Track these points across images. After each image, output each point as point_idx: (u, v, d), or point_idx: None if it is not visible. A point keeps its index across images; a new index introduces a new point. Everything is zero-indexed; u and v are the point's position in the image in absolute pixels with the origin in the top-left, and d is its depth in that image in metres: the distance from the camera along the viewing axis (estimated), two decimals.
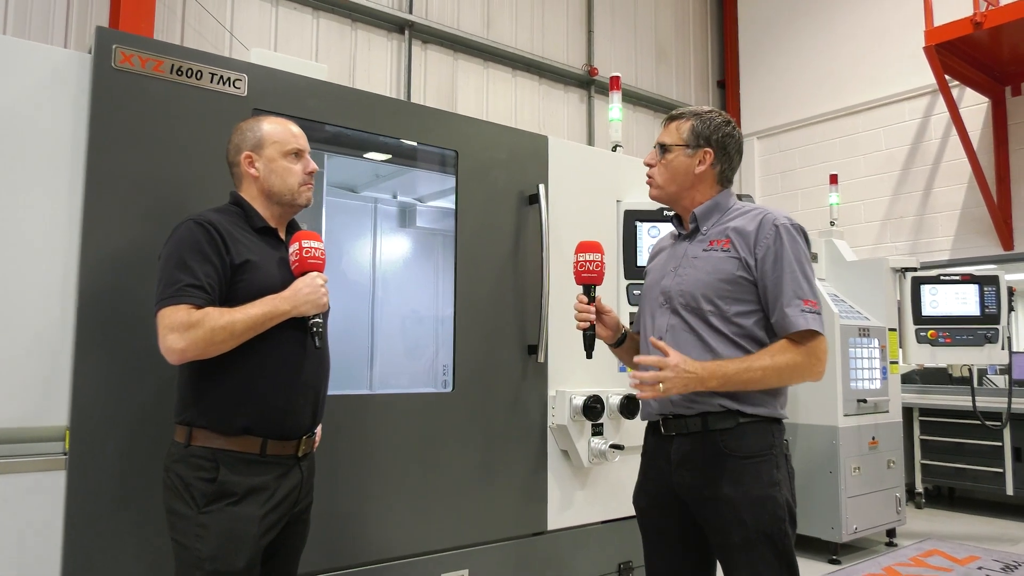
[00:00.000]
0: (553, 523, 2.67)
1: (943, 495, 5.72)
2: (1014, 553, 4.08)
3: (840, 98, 6.82)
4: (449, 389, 2.49)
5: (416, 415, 2.37)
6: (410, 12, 5.77)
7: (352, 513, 2.21)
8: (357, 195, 3.50)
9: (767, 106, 7.62)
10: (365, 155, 2.90)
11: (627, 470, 2.82)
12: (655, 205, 2.99)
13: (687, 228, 1.84)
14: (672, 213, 1.90)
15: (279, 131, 1.74)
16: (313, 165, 1.78)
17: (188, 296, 1.52)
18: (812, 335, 1.62)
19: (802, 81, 7.26)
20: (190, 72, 2.02)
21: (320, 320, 1.65)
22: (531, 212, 2.70)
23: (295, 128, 1.77)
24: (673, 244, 1.89)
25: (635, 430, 2.80)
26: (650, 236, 2.98)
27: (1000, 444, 4.97)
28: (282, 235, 1.77)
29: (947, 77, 5.26)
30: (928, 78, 5.88)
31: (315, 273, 1.66)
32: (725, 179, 1.83)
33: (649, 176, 1.86)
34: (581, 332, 1.82)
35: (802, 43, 7.34)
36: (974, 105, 5.72)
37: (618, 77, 3.15)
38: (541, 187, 2.67)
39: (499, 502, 2.54)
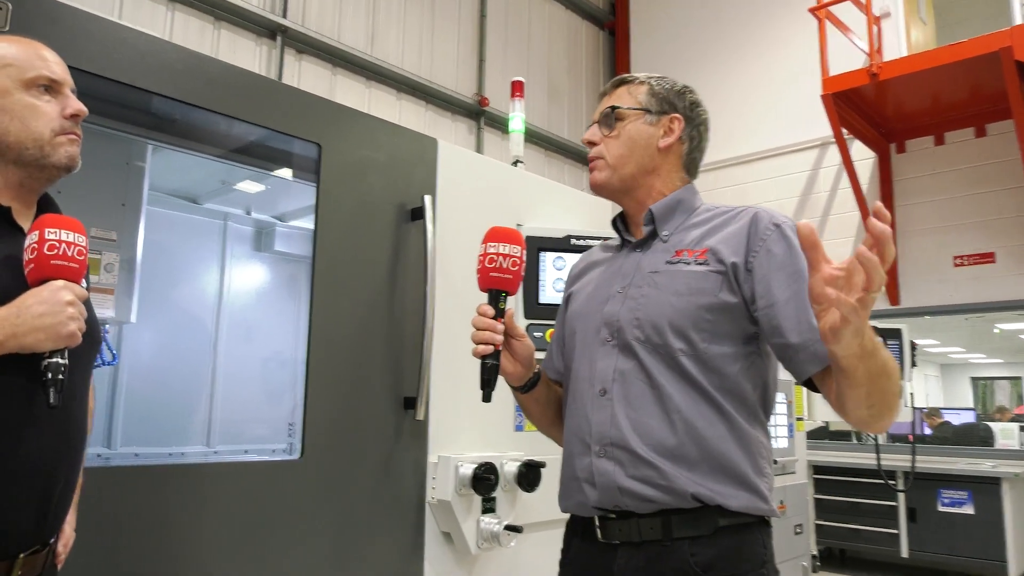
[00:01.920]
0: None
1: (835, 556, 5.51)
2: None
3: (730, 147, 6.75)
4: (296, 456, 1.86)
5: (249, 490, 1.73)
6: (284, 16, 5.15)
7: None
8: (199, 207, 2.82)
9: None
10: (203, 150, 2.27)
11: (525, 557, 2.26)
12: (562, 231, 2.51)
13: (638, 233, 1.35)
14: (611, 223, 1.41)
15: (15, 51, 1.12)
16: (78, 106, 1.16)
17: None
18: None
19: None
20: None
21: (60, 361, 1.01)
22: (413, 230, 2.15)
23: (47, 52, 1.15)
24: (613, 256, 1.39)
25: (534, 504, 2.26)
26: (555, 268, 2.50)
27: (895, 504, 4.81)
28: (22, 219, 1.14)
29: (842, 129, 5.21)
30: (817, 131, 5.87)
31: (61, 283, 1.03)
32: (692, 166, 1.37)
33: (593, 158, 1.36)
34: (479, 362, 1.27)
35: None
36: (862, 160, 5.74)
37: (521, 82, 2.70)
38: (427, 199, 2.12)
39: None
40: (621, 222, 1.41)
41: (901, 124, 5.57)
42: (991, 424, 6.44)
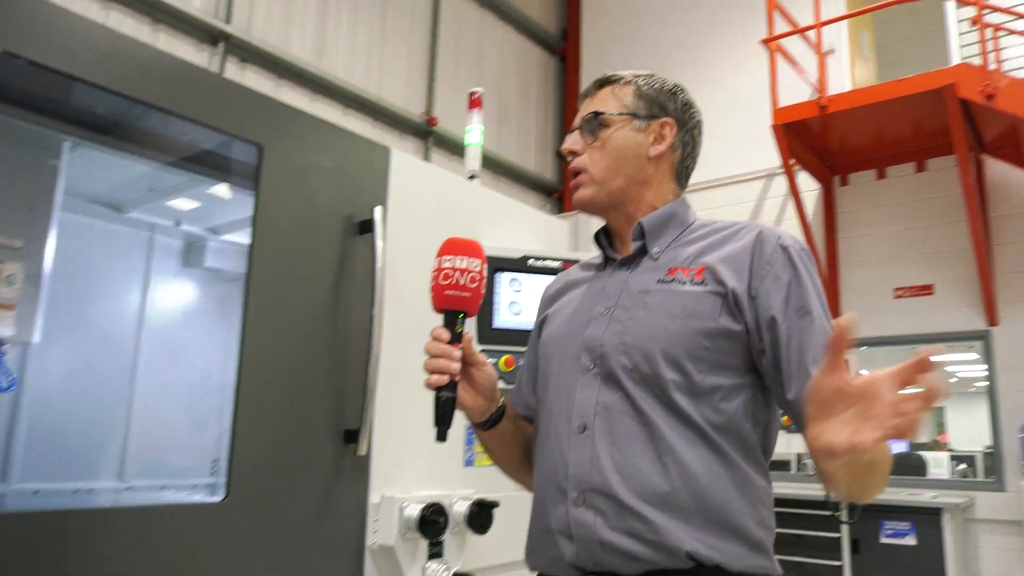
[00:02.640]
0: None
1: None
2: None
3: None
4: (219, 497, 1.64)
5: (165, 539, 1.51)
6: (228, 22, 4.92)
7: None
8: (122, 216, 2.57)
9: None
10: (130, 149, 2.05)
11: None
12: (520, 252, 2.37)
13: (624, 249, 1.21)
14: (597, 234, 1.27)
15: None
16: None
17: None
18: None
19: None
20: None
21: None
22: (361, 244, 1.98)
23: None
24: (595, 275, 1.24)
25: (486, 546, 2.08)
26: (512, 290, 2.35)
27: (838, 536, 4.78)
28: None
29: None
30: (763, 162, 5.93)
31: None
32: (683, 176, 1.24)
33: (576, 171, 1.21)
34: (433, 394, 1.10)
35: None
36: (807, 191, 5.81)
37: (480, 94, 2.56)
38: (378, 211, 1.95)
39: None
40: (605, 237, 1.26)
41: (845, 157, 5.66)
42: (922, 454, 6.55)
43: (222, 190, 2.40)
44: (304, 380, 1.80)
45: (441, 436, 1.09)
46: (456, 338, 1.11)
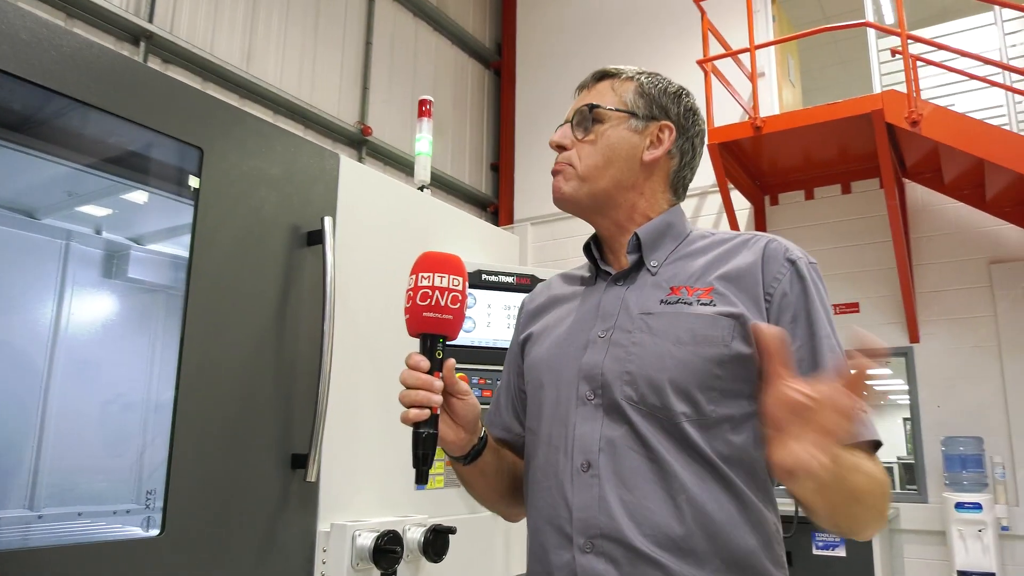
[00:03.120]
0: None
1: None
2: None
3: None
4: (156, 531, 1.48)
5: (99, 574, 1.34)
6: (150, 21, 4.66)
7: None
8: (35, 222, 2.35)
9: (541, 193, 7.46)
10: (48, 150, 1.86)
11: None
12: (473, 265, 2.29)
13: (616, 263, 1.13)
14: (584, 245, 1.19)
15: None
16: None
17: None
18: (870, 450, 0.95)
19: None
20: None
21: None
22: (310, 256, 1.85)
23: None
24: (585, 291, 1.15)
25: (439, 574, 1.97)
26: (468, 306, 2.26)
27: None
28: None
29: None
30: (697, 180, 6.02)
31: None
32: (680, 186, 1.18)
33: (560, 165, 1.12)
34: (411, 431, 0.99)
35: None
36: (739, 209, 5.93)
37: (429, 102, 2.47)
38: (327, 222, 1.83)
39: None
40: (596, 248, 1.19)
41: (775, 178, 5.81)
42: None
43: (148, 196, 2.22)
44: (248, 402, 1.66)
45: (421, 478, 0.99)
46: (436, 366, 1.01)
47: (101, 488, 2.21)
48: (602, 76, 1.19)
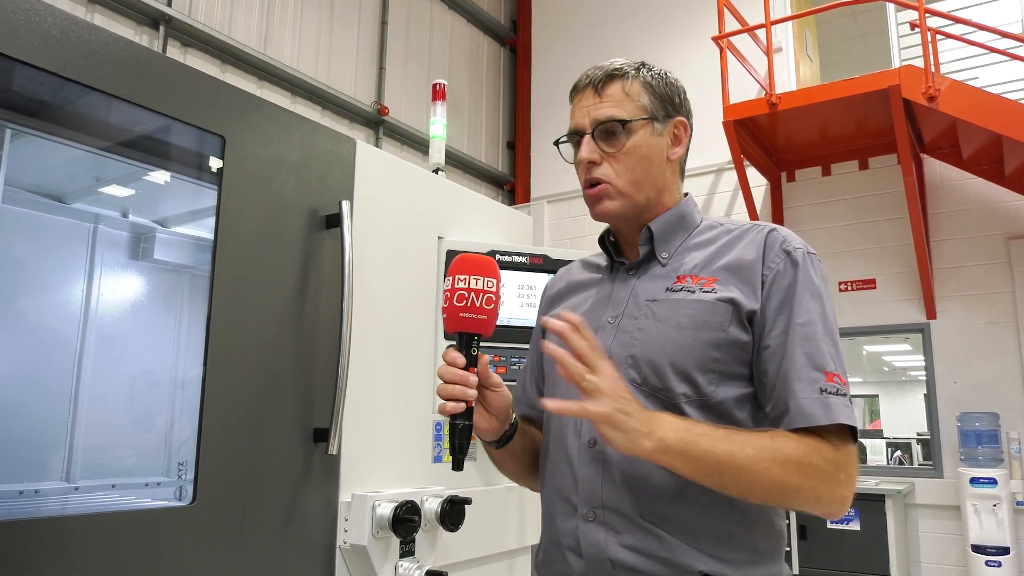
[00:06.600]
0: None
1: None
2: None
3: None
4: (188, 501, 1.57)
5: (130, 546, 1.43)
6: (169, 5, 4.73)
7: None
8: (65, 207, 2.44)
9: (558, 171, 7.48)
10: (78, 138, 1.94)
11: None
12: (486, 246, 2.34)
13: (631, 253, 1.19)
14: (601, 237, 1.24)
15: None
16: None
17: None
18: (840, 435, 1.00)
19: None
20: None
21: None
22: (328, 239, 1.92)
23: None
24: (602, 279, 1.21)
25: (456, 543, 2.06)
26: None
27: (787, 522, 4.92)
28: None
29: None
30: (713, 157, 6.02)
31: None
32: (683, 171, 1.22)
33: (596, 181, 1.15)
34: (448, 421, 1.05)
35: None
36: (755, 187, 5.93)
37: (444, 85, 2.51)
38: (345, 205, 1.90)
39: None
40: (610, 239, 1.24)
41: (791, 154, 5.80)
42: (862, 441, 6.78)
43: (171, 180, 2.30)
44: (272, 379, 1.74)
45: (457, 466, 1.05)
46: (472, 362, 1.06)
47: (132, 462, 2.31)
48: (607, 79, 1.18)
